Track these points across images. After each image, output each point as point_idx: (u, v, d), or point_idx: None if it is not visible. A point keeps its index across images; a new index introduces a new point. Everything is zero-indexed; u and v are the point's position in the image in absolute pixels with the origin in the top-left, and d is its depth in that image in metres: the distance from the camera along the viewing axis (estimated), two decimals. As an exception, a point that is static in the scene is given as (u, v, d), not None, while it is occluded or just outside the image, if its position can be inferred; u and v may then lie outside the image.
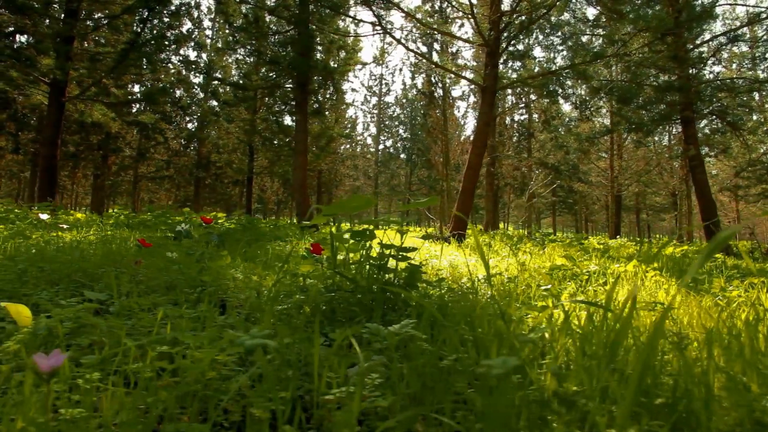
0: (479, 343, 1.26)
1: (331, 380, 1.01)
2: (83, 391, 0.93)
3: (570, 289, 2.55)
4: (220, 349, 1.26)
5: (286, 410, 0.92)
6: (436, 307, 1.96)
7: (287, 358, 1.26)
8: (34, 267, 2.41)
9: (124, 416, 0.90)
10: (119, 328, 1.38)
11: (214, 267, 2.57)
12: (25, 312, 1.53)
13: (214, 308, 1.88)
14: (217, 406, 0.98)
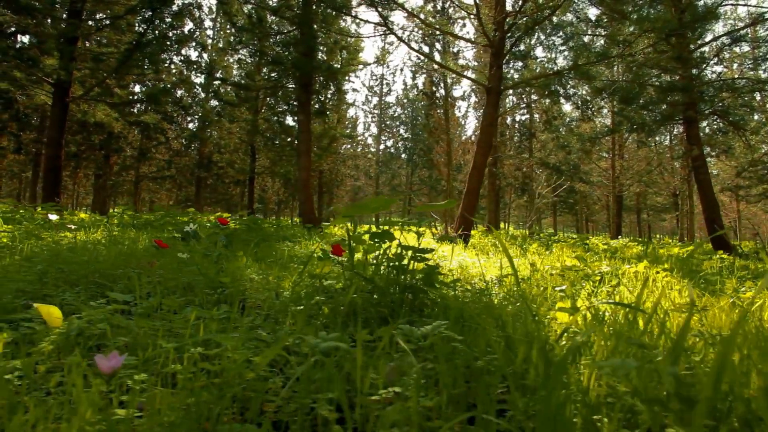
0: (510, 343, 1.28)
1: (375, 381, 1.03)
2: (133, 392, 0.95)
3: (586, 290, 2.57)
4: (250, 349, 1.28)
5: (332, 411, 0.94)
6: (460, 308, 1.98)
7: (321, 359, 1.27)
8: (53, 268, 2.43)
9: (172, 416, 0.91)
10: (153, 330, 1.40)
11: (230, 268, 2.58)
12: (56, 313, 1.54)
13: (234, 309, 1.89)
14: (266, 405, 1.00)
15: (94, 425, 0.84)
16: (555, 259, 4.41)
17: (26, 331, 1.50)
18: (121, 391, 1.04)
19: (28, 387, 1.16)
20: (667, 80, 9.92)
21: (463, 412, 0.92)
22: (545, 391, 0.76)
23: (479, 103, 22.61)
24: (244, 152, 20.64)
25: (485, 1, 8.15)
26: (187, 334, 1.35)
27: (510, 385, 1.06)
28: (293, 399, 0.97)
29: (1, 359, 1.27)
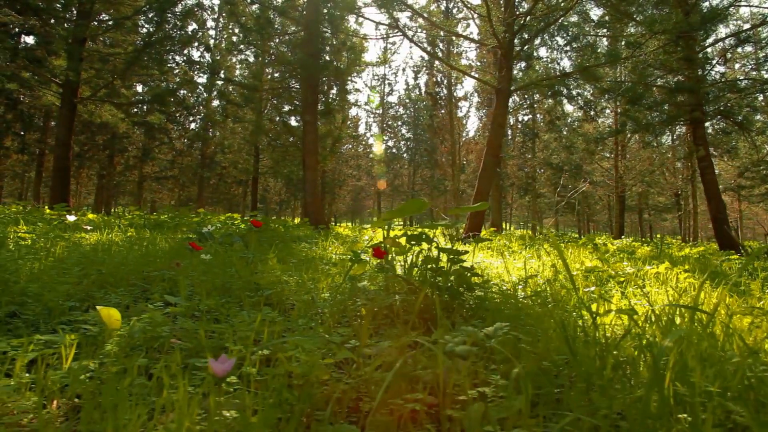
0: (573, 345, 1.31)
1: (459, 382, 1.06)
2: (227, 393, 0.98)
3: (615, 291, 2.60)
4: (320, 351, 1.31)
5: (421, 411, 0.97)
6: (498, 308, 2.01)
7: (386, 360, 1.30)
8: (92, 270, 2.46)
9: (263, 416, 0.94)
10: (221, 332, 1.43)
11: (263, 270, 2.61)
12: (116, 315, 1.57)
13: (272, 311, 1.93)
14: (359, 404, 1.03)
15: (204, 427, 0.87)
16: (572, 260, 4.44)
17: (89, 333, 1.53)
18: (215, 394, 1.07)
19: (104, 387, 1.18)
20: (673, 81, 9.95)
21: (552, 412, 0.95)
22: (643, 391, 0.79)
23: (482, 104, 22.66)
24: (248, 152, 20.65)
25: (493, 2, 8.18)
26: (251, 337, 1.38)
27: (597, 385, 1.08)
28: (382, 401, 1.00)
29: (72, 360, 1.30)
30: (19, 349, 1.36)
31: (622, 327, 1.60)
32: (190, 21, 16.85)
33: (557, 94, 11.96)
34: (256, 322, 1.33)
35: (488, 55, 19.21)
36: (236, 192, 30.41)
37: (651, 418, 0.76)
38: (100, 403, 1.18)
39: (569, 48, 10.71)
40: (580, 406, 0.91)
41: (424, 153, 26.67)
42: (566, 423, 0.77)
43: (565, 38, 10.33)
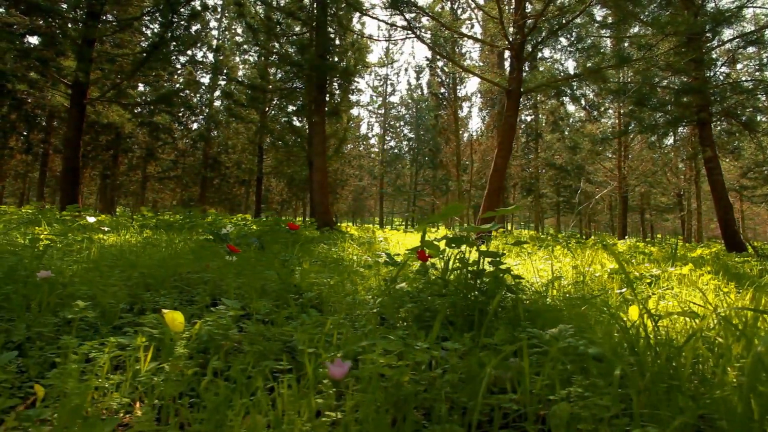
0: (636, 347, 1.35)
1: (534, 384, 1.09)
2: (326, 395, 1.01)
3: (646, 293, 2.64)
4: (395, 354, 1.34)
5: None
6: (538, 310, 2.04)
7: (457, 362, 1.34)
8: (133, 272, 2.49)
9: (363, 414, 0.97)
10: (287, 335, 1.46)
11: (301, 271, 2.65)
12: (179, 318, 1.61)
13: (317, 313, 1.96)
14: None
15: (310, 425, 0.91)
16: (590, 261, 4.47)
17: (156, 336, 1.56)
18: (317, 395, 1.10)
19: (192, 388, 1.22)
20: (680, 82, 10.00)
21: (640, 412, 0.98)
22: (736, 394, 0.83)
23: (485, 104, 22.73)
24: (251, 152, 20.68)
25: (502, 4, 8.22)
26: (333, 339, 1.41)
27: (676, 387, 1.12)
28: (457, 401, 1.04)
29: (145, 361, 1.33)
30: (96, 351, 1.40)
31: (673, 329, 1.64)
32: (195, 21, 16.91)
33: (560, 94, 12.00)
34: (327, 326, 1.36)
35: (491, 56, 19.26)
36: (238, 192, 30.43)
37: (754, 421, 0.80)
38: (195, 404, 1.21)
39: (573, 48, 10.77)
40: (666, 407, 0.94)
41: (426, 153, 26.72)
42: (676, 427, 0.80)
43: (569, 39, 10.38)
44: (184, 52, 14.29)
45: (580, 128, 20.91)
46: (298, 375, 1.24)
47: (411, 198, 29.26)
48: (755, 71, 16.75)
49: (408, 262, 2.69)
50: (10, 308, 1.87)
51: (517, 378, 1.16)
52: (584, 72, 7.61)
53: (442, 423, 0.92)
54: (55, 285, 2.12)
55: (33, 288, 2.02)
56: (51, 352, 1.51)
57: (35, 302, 1.85)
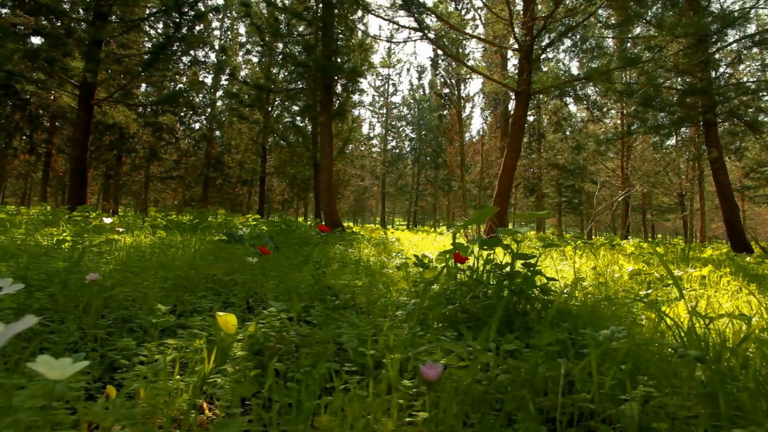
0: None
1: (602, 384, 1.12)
2: (404, 396, 1.04)
3: (669, 294, 2.67)
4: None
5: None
6: (567, 311, 2.07)
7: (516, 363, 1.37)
8: (169, 273, 2.51)
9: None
10: (332, 337, 1.49)
11: (331, 273, 2.67)
12: (232, 320, 1.63)
13: (354, 314, 1.98)
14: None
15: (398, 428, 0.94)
16: (606, 263, 4.50)
17: (211, 338, 1.59)
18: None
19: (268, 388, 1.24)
20: (685, 83, 10.05)
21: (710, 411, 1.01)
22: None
23: (487, 104, 22.77)
24: (254, 152, 20.70)
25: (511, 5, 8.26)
26: (389, 341, 1.44)
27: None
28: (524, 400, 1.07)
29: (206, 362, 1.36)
30: (156, 352, 1.42)
31: (712, 330, 1.67)
32: (199, 22, 16.94)
33: (564, 94, 12.04)
34: (385, 328, 1.39)
35: (495, 57, 19.29)
36: (240, 192, 30.45)
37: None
38: (265, 404, 1.24)
39: (575, 49, 10.81)
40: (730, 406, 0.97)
41: (428, 153, 26.74)
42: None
43: (573, 39, 10.43)
44: (187, 53, 14.32)
45: (582, 128, 20.96)
46: (360, 377, 1.26)
47: (413, 198, 29.29)
48: (757, 71, 16.79)
49: (437, 263, 2.72)
50: (57, 309, 1.90)
51: (575, 377, 1.19)
52: (593, 73, 7.64)
53: (523, 422, 0.95)
54: (103, 287, 2.14)
55: (74, 290, 2.04)
56: (108, 353, 1.53)
57: (82, 304, 1.88)
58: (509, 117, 20.17)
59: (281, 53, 11.36)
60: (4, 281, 1.60)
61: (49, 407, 0.94)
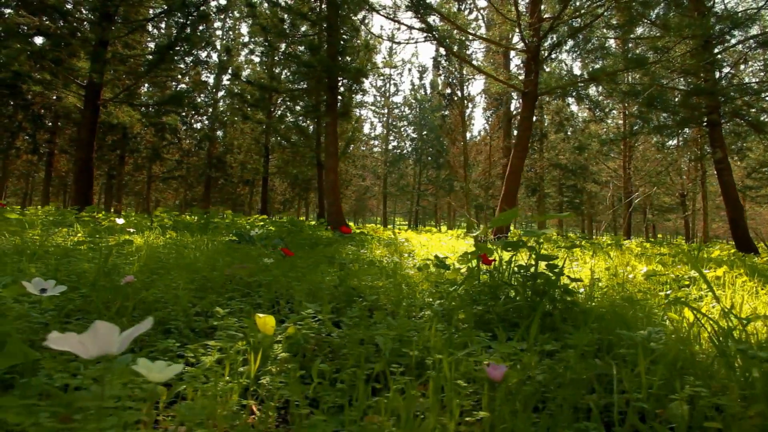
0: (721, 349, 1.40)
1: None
2: (461, 396, 1.06)
3: (688, 295, 2.70)
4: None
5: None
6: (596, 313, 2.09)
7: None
8: (194, 275, 2.53)
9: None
10: (367, 338, 1.51)
11: (354, 273, 2.69)
12: (271, 322, 1.65)
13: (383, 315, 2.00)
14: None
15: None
16: (617, 263, 4.52)
17: (251, 340, 1.61)
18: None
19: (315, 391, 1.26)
20: (690, 83, 10.07)
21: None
22: None
23: (489, 105, 22.81)
24: (257, 152, 20.71)
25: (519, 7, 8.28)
26: (428, 344, 1.46)
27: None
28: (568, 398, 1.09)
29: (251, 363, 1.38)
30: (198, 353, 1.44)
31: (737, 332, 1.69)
32: (203, 22, 16.97)
33: (566, 94, 12.05)
34: (432, 330, 1.41)
35: (497, 57, 19.32)
36: (242, 192, 30.47)
37: None
38: (311, 405, 1.26)
39: (579, 49, 10.84)
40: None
41: (430, 153, 26.77)
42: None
43: (576, 39, 10.45)
44: (190, 53, 14.34)
45: (584, 128, 21.00)
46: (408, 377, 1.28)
47: (415, 198, 29.31)
48: (759, 71, 16.83)
49: (458, 264, 2.74)
50: (89, 310, 1.92)
51: (623, 377, 1.21)
52: (599, 74, 7.67)
53: (583, 421, 0.97)
54: (133, 289, 2.16)
55: (107, 291, 2.06)
56: (150, 354, 1.55)
57: (115, 305, 1.90)
58: (511, 117, 20.21)
59: (286, 53, 11.38)
60: (47, 283, 1.62)
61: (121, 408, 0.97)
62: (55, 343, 0.50)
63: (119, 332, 0.52)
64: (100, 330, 0.50)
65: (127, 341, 0.53)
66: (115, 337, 0.51)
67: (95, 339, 0.50)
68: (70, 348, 0.51)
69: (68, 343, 0.51)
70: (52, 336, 0.50)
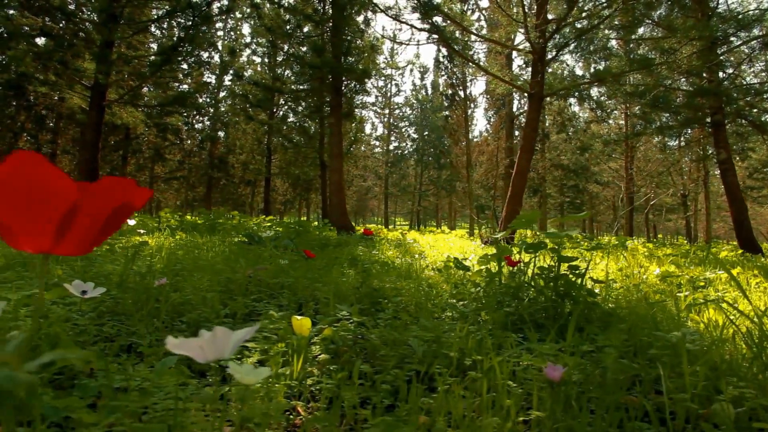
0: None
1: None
2: (514, 397, 1.08)
3: (706, 296, 2.72)
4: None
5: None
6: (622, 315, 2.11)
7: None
8: (220, 277, 2.55)
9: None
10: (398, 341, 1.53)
11: (375, 275, 2.71)
12: (307, 324, 1.67)
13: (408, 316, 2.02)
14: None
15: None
16: (628, 264, 4.54)
17: (289, 342, 1.62)
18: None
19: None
20: (694, 84, 10.10)
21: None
22: None
23: (491, 105, 22.84)
24: (259, 153, 20.74)
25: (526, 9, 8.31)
26: (472, 345, 1.48)
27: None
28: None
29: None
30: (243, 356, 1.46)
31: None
32: (207, 23, 16.97)
33: (569, 95, 12.09)
34: (464, 331, 1.43)
35: (499, 58, 19.33)
36: (243, 192, 30.48)
37: None
38: (356, 406, 1.28)
39: (582, 50, 10.87)
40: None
41: (431, 153, 26.80)
42: None
43: (580, 40, 10.48)
44: (192, 53, 14.36)
45: (586, 129, 21.05)
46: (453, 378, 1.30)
47: (416, 198, 29.35)
48: (761, 71, 16.85)
49: (478, 266, 2.76)
50: (118, 312, 1.93)
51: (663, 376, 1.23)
52: (605, 75, 7.70)
53: (635, 420, 0.99)
54: (150, 289, 2.17)
55: (133, 292, 2.08)
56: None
57: (147, 307, 1.91)
58: (513, 118, 20.24)
59: (290, 54, 11.41)
60: (87, 285, 1.64)
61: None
62: (174, 348, 0.52)
63: (233, 337, 0.54)
64: (219, 335, 0.52)
65: (237, 345, 0.55)
66: (230, 342, 0.53)
67: (214, 344, 0.52)
68: (187, 352, 0.53)
69: (187, 348, 0.53)
70: (171, 341, 0.52)
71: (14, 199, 0.29)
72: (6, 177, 0.28)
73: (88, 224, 0.32)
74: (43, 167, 0.31)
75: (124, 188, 0.33)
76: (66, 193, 0.30)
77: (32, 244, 0.32)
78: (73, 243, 0.34)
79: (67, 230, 0.31)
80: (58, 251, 0.35)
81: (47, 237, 0.32)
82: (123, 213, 0.36)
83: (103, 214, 0.33)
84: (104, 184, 0.32)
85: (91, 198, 0.31)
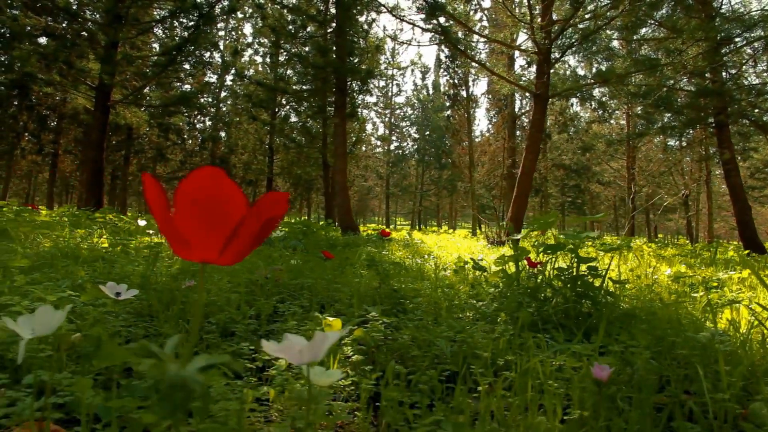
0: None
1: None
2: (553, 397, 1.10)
3: (721, 297, 2.74)
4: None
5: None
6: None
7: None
8: (239, 278, 2.57)
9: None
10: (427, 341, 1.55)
11: (392, 275, 2.73)
12: (337, 325, 1.70)
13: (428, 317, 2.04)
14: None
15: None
16: (638, 264, 4.56)
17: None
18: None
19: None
20: (697, 84, 10.13)
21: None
22: None
23: (493, 105, 22.88)
24: (261, 153, 20.75)
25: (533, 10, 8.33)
26: (502, 347, 1.50)
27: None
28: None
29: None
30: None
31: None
32: (209, 24, 16.96)
33: (571, 96, 12.10)
34: (495, 332, 1.45)
35: (502, 58, 19.35)
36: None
37: None
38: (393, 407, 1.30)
39: (585, 51, 10.90)
40: None
41: (433, 153, 26.82)
42: None
43: (584, 41, 10.50)
44: (195, 54, 14.36)
45: (587, 129, 21.09)
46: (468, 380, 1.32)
47: (417, 198, 29.37)
48: (763, 72, 16.86)
49: (495, 266, 2.78)
50: (143, 314, 1.95)
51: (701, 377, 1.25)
52: (610, 76, 7.72)
53: (676, 420, 1.01)
54: (174, 292, 2.19)
55: (154, 294, 2.09)
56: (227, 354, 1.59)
57: (174, 308, 1.93)
58: (516, 118, 20.27)
59: (294, 54, 11.43)
60: (120, 287, 1.66)
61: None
62: (273, 351, 0.54)
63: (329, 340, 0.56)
64: (317, 339, 0.54)
65: (327, 348, 0.57)
66: (326, 345, 0.55)
67: (312, 347, 0.54)
68: (285, 354, 0.55)
69: (285, 351, 0.55)
70: (268, 344, 0.54)
71: (199, 213, 0.31)
72: (192, 192, 0.30)
73: (247, 236, 0.34)
74: (225, 182, 0.32)
75: (278, 201, 0.35)
76: (241, 207, 0.32)
77: (202, 255, 0.34)
78: (233, 254, 0.35)
79: (233, 242, 0.33)
80: (220, 261, 0.37)
81: (217, 249, 0.33)
82: (271, 225, 0.37)
83: (258, 226, 0.35)
84: (268, 199, 0.34)
85: (254, 211, 0.33)
